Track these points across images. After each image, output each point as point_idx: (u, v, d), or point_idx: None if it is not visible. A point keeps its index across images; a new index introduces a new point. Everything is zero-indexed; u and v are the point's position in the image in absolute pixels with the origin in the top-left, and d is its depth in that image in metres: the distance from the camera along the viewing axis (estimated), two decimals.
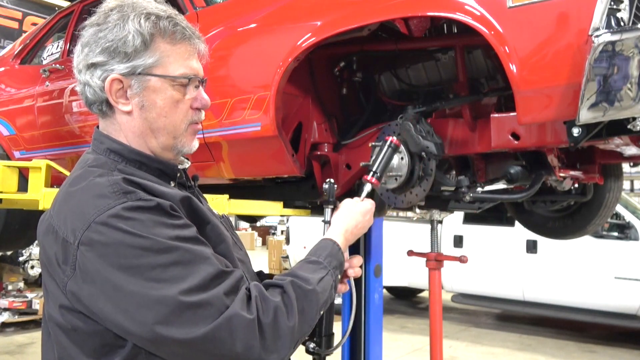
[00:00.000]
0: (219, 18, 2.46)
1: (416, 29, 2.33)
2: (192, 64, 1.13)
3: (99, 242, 0.93)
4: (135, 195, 0.97)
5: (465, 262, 2.56)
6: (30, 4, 7.53)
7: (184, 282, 0.92)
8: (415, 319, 7.62)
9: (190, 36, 1.12)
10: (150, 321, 0.90)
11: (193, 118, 1.14)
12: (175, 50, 1.10)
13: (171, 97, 1.09)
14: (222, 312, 0.92)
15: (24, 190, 2.32)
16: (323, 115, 2.30)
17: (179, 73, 1.10)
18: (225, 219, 1.31)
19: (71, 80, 3.10)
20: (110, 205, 0.94)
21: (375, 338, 2.62)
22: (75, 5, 3.61)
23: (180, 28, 1.10)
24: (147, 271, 0.91)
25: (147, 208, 0.96)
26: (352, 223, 1.32)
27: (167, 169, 1.13)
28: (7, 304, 6.77)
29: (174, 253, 0.93)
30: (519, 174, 2.04)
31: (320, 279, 1.10)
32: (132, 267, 0.91)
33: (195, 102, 1.14)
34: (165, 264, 0.92)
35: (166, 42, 1.09)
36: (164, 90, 1.09)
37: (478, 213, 4.97)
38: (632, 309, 5.85)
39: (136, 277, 0.91)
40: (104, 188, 0.98)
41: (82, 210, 0.96)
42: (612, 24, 1.43)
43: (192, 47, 1.13)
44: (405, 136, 1.88)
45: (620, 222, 6.06)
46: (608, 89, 1.41)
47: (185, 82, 1.11)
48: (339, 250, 1.22)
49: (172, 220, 0.97)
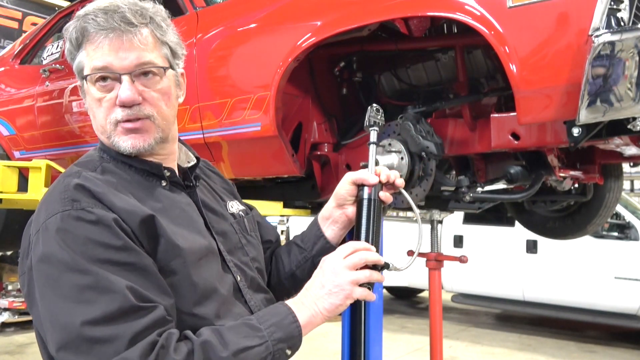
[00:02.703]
0: (219, 18, 2.46)
1: (416, 29, 2.33)
2: (106, 58, 1.01)
3: (37, 249, 0.94)
4: (79, 204, 0.94)
5: (465, 262, 2.55)
6: (30, 4, 7.53)
7: (93, 310, 0.87)
8: (415, 319, 7.62)
9: (110, 28, 1.01)
10: (55, 341, 0.89)
11: (117, 116, 1.02)
12: (91, 48, 1.02)
13: (93, 96, 1.04)
14: (118, 353, 0.85)
15: (24, 190, 2.32)
16: (323, 115, 2.30)
17: (90, 71, 1.03)
18: (239, 220, 1.24)
19: (71, 80, 3.10)
20: (55, 210, 0.94)
21: (375, 338, 2.61)
22: (75, 5, 3.61)
23: (95, 24, 1.01)
24: (64, 288, 0.89)
25: (85, 220, 0.93)
26: (326, 298, 1.02)
27: (152, 169, 1.09)
28: (7, 304, 6.77)
29: (91, 276, 0.89)
30: (519, 174, 2.04)
31: (245, 349, 0.93)
32: (54, 281, 0.91)
33: (117, 98, 1.03)
34: (80, 285, 0.88)
35: (86, 42, 1.03)
36: (88, 90, 1.05)
37: (478, 213, 4.97)
38: (632, 309, 5.85)
39: (55, 291, 0.90)
40: (58, 192, 0.98)
41: (39, 211, 0.98)
42: (612, 24, 1.43)
43: (111, 40, 1.01)
44: (405, 136, 1.88)
45: (620, 222, 6.06)
46: (608, 89, 1.41)
47: (99, 77, 1.02)
48: (292, 322, 0.99)
49: (107, 239, 0.92)
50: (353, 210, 1.23)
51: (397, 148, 1.89)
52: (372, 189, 1.17)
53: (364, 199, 1.17)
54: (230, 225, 1.20)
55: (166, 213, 1.05)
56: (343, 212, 1.26)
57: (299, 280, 1.28)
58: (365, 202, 1.16)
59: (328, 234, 1.28)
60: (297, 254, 1.31)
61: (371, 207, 1.16)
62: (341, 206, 1.26)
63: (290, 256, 1.32)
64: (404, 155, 1.87)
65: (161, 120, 1.06)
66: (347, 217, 1.26)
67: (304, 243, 1.30)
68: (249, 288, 1.14)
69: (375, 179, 1.18)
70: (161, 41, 1.07)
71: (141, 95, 1.03)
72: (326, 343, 5.81)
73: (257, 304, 1.13)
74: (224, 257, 1.12)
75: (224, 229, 1.18)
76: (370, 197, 1.16)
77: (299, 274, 1.29)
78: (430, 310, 2.48)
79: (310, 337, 1.19)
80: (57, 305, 0.89)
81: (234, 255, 1.16)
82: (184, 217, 1.08)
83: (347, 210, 1.25)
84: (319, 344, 5.81)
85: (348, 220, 1.26)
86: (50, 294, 0.90)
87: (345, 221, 1.26)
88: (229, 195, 1.31)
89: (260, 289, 1.18)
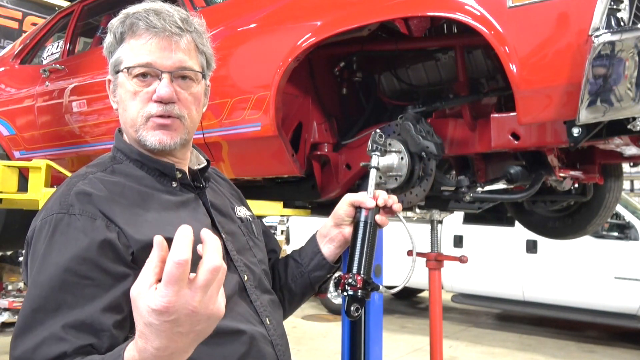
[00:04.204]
0: (219, 18, 2.46)
1: (416, 29, 2.34)
2: (152, 56, 1.07)
3: (32, 245, 0.99)
4: (73, 209, 0.98)
5: (465, 262, 2.55)
6: (30, 4, 7.53)
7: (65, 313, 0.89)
8: (415, 319, 7.62)
9: (162, 29, 1.07)
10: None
11: (149, 110, 1.08)
12: (137, 43, 1.08)
13: (128, 89, 1.09)
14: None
15: (24, 190, 2.31)
16: (323, 115, 2.30)
17: (134, 64, 1.08)
18: (247, 224, 1.27)
19: (71, 80, 3.10)
20: (52, 211, 0.99)
21: (375, 338, 2.62)
22: (75, 5, 3.61)
23: (146, 22, 1.07)
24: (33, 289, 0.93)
25: (73, 227, 0.96)
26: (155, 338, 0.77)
27: (164, 169, 1.12)
28: (7, 304, 6.77)
29: (49, 289, 0.91)
30: (519, 174, 2.04)
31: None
32: (34, 280, 0.94)
33: (154, 94, 1.08)
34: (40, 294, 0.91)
35: (131, 37, 1.09)
36: (125, 83, 1.10)
37: (478, 213, 4.97)
38: (632, 309, 5.85)
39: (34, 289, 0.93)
40: (60, 195, 1.02)
41: (42, 208, 1.04)
42: (612, 24, 1.43)
43: (160, 39, 1.07)
44: (405, 136, 1.88)
45: (620, 222, 6.06)
46: (608, 89, 1.41)
47: (140, 72, 1.08)
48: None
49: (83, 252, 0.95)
50: (350, 230, 1.27)
51: (397, 148, 1.90)
52: (369, 212, 1.23)
53: (360, 221, 1.22)
54: (238, 227, 1.23)
55: (170, 212, 1.07)
56: (340, 232, 1.30)
57: (293, 293, 1.34)
58: (362, 224, 1.22)
59: (325, 251, 1.32)
60: (293, 267, 1.35)
61: (366, 230, 1.21)
62: (339, 225, 1.30)
63: (287, 269, 1.36)
64: (404, 155, 1.88)
65: (189, 122, 1.12)
66: (344, 237, 1.30)
67: (301, 258, 1.35)
68: (257, 288, 1.16)
69: (372, 203, 1.24)
70: (200, 50, 1.14)
71: (177, 96, 1.09)
72: (326, 343, 5.81)
73: (263, 304, 1.16)
74: (231, 256, 1.14)
75: (233, 230, 1.21)
76: (366, 219, 1.22)
77: (293, 287, 1.34)
78: (430, 310, 2.48)
79: (310, 337, 1.18)
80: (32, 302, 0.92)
81: (243, 255, 1.18)
82: (190, 217, 1.10)
83: (344, 230, 1.29)
84: (319, 344, 5.82)
85: (345, 239, 1.30)
86: (30, 292, 0.93)
87: (342, 240, 1.30)
88: (237, 201, 1.34)
89: (266, 290, 1.21)
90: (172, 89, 1.07)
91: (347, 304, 1.17)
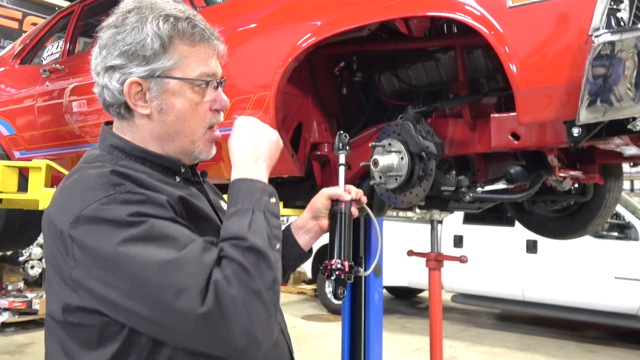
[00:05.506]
0: (219, 18, 2.46)
1: (416, 29, 2.33)
2: (211, 65, 1.11)
3: (87, 234, 0.93)
4: (124, 187, 0.96)
5: (465, 262, 2.55)
6: (30, 4, 7.53)
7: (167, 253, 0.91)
8: (415, 319, 7.63)
9: (209, 37, 1.11)
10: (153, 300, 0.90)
11: (212, 120, 1.14)
12: (194, 51, 1.09)
13: (190, 99, 1.09)
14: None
15: (24, 190, 2.32)
16: (323, 115, 2.30)
17: (197, 74, 1.09)
18: None
19: (71, 80, 3.10)
20: (98, 197, 0.94)
21: (375, 338, 2.62)
22: (75, 5, 3.61)
23: (199, 29, 1.10)
24: (138, 261, 0.90)
25: (134, 202, 0.95)
26: (249, 148, 1.16)
27: (170, 164, 1.13)
28: (7, 304, 6.78)
29: (147, 226, 0.92)
30: (519, 174, 2.04)
31: (249, 224, 1.00)
32: (125, 253, 0.90)
33: (214, 103, 1.13)
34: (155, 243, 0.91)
35: (185, 43, 1.08)
36: (182, 92, 1.08)
37: (478, 213, 4.97)
38: (632, 309, 5.85)
39: (130, 262, 0.90)
40: (92, 180, 0.97)
41: (73, 202, 0.96)
42: (612, 24, 1.43)
43: (211, 48, 1.12)
44: (405, 136, 1.88)
45: (620, 222, 6.07)
46: (608, 89, 1.41)
47: (204, 84, 1.10)
48: (248, 182, 1.09)
49: (160, 213, 0.96)
50: (326, 222, 1.38)
51: (397, 148, 1.90)
52: (345, 204, 1.35)
53: (339, 212, 1.35)
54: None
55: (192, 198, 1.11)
56: (317, 223, 1.38)
57: None
58: (340, 215, 1.35)
59: (301, 242, 1.39)
60: None
61: (345, 220, 1.34)
62: (316, 218, 1.38)
63: None
64: (404, 155, 1.88)
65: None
66: (320, 228, 1.38)
67: None
68: None
69: (349, 196, 1.36)
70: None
71: None
72: (326, 343, 5.81)
73: None
74: None
75: None
76: (344, 211, 1.35)
77: None
78: (430, 310, 2.48)
79: (310, 337, 1.21)
80: (141, 268, 0.90)
81: None
82: (204, 206, 1.15)
83: (320, 221, 1.38)
84: (319, 344, 5.81)
85: (320, 230, 1.39)
86: (128, 264, 0.90)
87: (318, 231, 1.39)
88: (219, 195, 1.39)
89: None
90: None
91: (334, 287, 1.31)
